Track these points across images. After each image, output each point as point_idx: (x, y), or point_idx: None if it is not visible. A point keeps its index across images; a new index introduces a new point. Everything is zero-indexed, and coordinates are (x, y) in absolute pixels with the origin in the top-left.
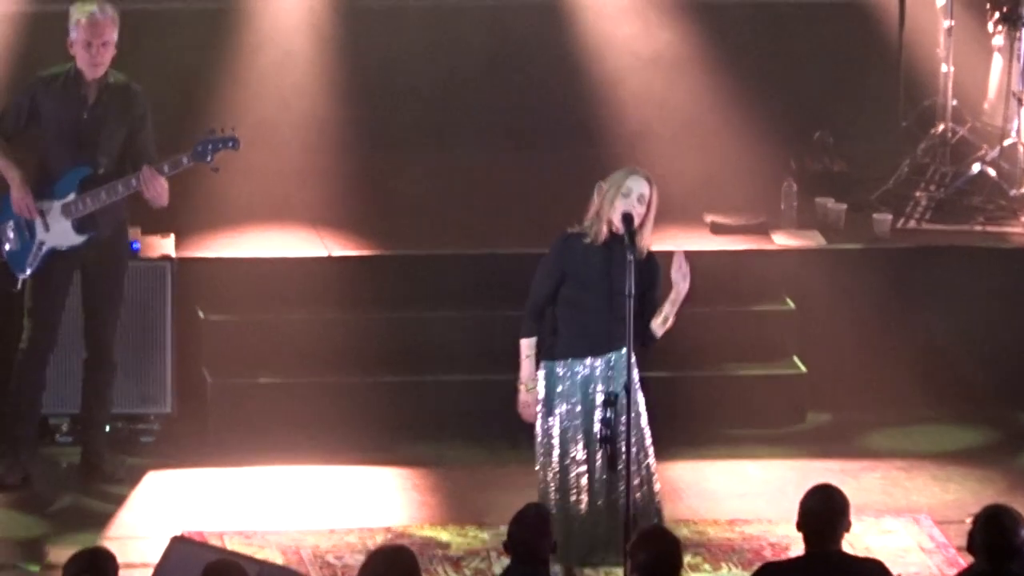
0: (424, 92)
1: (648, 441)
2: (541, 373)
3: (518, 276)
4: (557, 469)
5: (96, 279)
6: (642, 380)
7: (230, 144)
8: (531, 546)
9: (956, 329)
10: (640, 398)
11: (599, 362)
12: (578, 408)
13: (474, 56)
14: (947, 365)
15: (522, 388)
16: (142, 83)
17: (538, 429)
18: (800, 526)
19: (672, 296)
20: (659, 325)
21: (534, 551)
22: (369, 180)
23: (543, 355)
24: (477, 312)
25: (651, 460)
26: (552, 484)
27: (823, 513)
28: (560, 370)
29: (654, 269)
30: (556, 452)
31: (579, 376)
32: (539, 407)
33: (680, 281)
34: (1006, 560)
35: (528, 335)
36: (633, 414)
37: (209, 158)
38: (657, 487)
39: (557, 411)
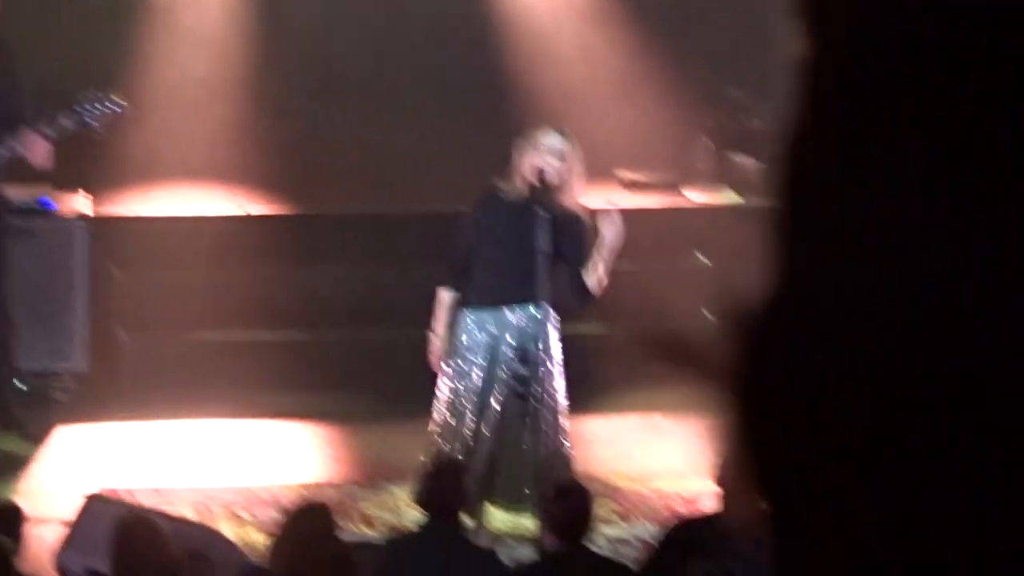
0: (344, 51)
1: (562, 395)
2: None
3: (431, 234)
4: (448, 417)
5: None
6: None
7: (112, 107)
8: (444, 500)
9: None
10: (558, 353)
11: (512, 316)
12: (479, 358)
13: (393, 16)
14: None
15: (432, 336)
16: (47, 46)
17: (439, 376)
18: (720, 481)
19: (598, 244)
20: (591, 276)
21: (447, 505)
22: (284, 139)
23: (460, 304)
24: (388, 269)
25: (563, 417)
26: (444, 430)
27: None
28: (468, 321)
29: (579, 226)
30: (446, 400)
31: (488, 328)
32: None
33: (606, 230)
34: None
35: (445, 284)
36: (544, 368)
37: (92, 121)
38: (568, 443)
39: (456, 360)
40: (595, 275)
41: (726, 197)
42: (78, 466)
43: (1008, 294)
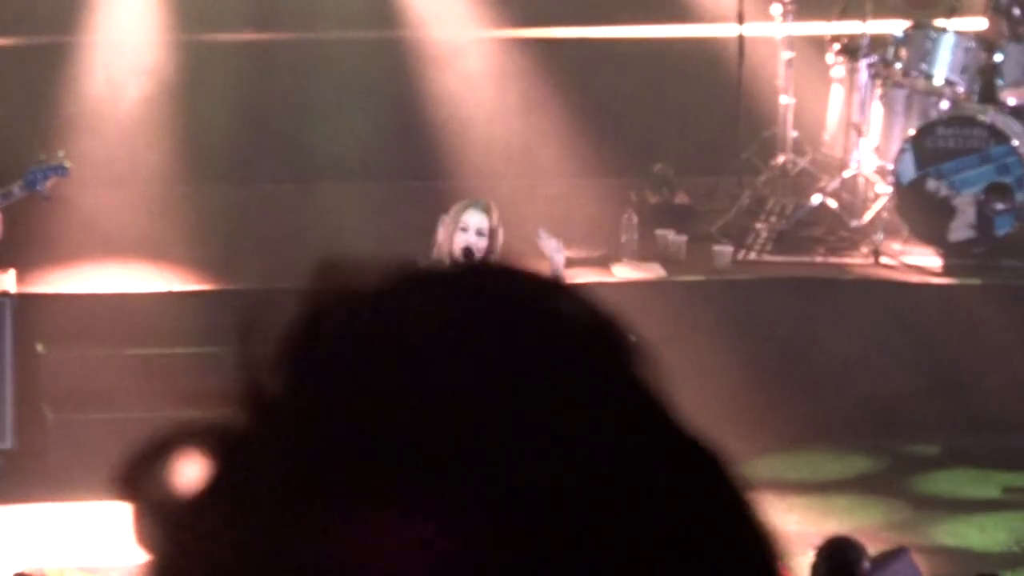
0: (269, 124)
1: None
2: None
3: None
4: None
5: None
6: None
7: (59, 171)
8: None
9: (797, 362)
10: None
11: None
12: None
13: (322, 90)
14: (788, 396)
15: None
16: None
17: None
18: None
19: (553, 271)
20: None
21: None
22: (210, 214)
23: None
24: None
25: None
26: None
27: None
28: None
29: None
30: None
31: None
32: None
33: (555, 253)
34: None
35: None
36: None
37: (40, 187)
38: None
39: None
40: None
41: (652, 272)
42: (5, 545)
43: None
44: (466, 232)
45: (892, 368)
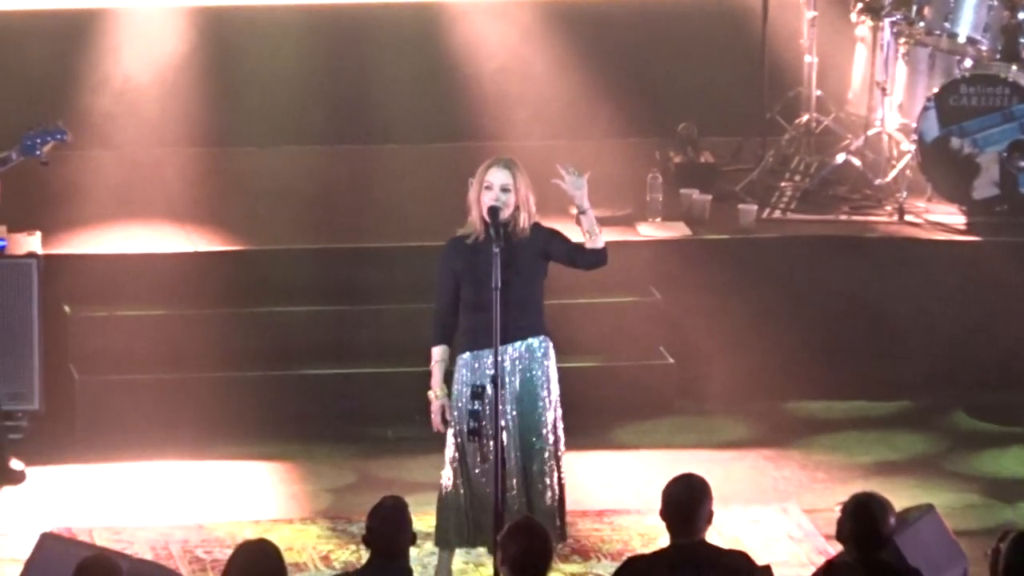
0: (294, 86)
1: (550, 441)
2: (455, 373)
3: (384, 270)
4: (454, 462)
5: None
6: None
7: (58, 136)
8: (388, 539)
9: (822, 319)
10: (554, 392)
11: (486, 356)
12: (461, 403)
13: (345, 52)
14: (813, 354)
15: (430, 395)
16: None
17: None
18: (663, 515)
19: (577, 206)
20: (590, 240)
21: (391, 543)
22: (237, 174)
23: (456, 352)
24: (343, 306)
25: (557, 466)
26: (448, 472)
27: (684, 501)
28: (464, 365)
29: (544, 234)
30: (451, 446)
31: (470, 371)
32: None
33: (573, 188)
34: (874, 548)
35: (434, 343)
36: (500, 406)
37: (38, 151)
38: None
39: (457, 405)
40: (588, 234)
41: (677, 231)
42: (34, 505)
43: None
44: (491, 190)
45: (915, 324)
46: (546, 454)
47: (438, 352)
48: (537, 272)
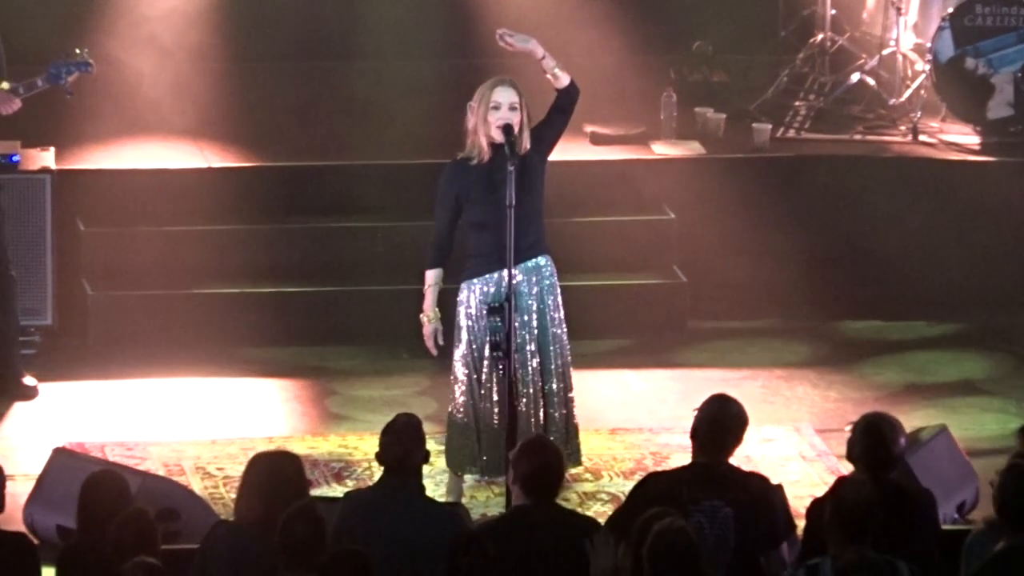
0: (310, 3)
1: (564, 361)
2: (462, 295)
3: (394, 187)
4: (463, 385)
5: None
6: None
7: (83, 67)
8: (400, 456)
9: (836, 238)
10: (561, 310)
11: (518, 274)
12: (475, 327)
13: None
14: (827, 274)
15: (423, 319)
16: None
17: (455, 349)
18: (694, 432)
19: (534, 54)
20: (556, 81)
21: (403, 461)
22: (250, 91)
23: (461, 277)
24: (353, 222)
25: (566, 385)
26: (459, 398)
27: (720, 422)
28: (471, 290)
29: (530, 139)
30: (460, 370)
31: (492, 292)
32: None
33: (523, 44)
34: (885, 468)
35: (430, 266)
36: (515, 325)
37: (63, 80)
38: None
39: (464, 330)
40: (557, 76)
41: (691, 149)
42: (46, 420)
43: None
44: (499, 110)
45: (929, 244)
46: (561, 372)
47: (432, 275)
48: (540, 185)
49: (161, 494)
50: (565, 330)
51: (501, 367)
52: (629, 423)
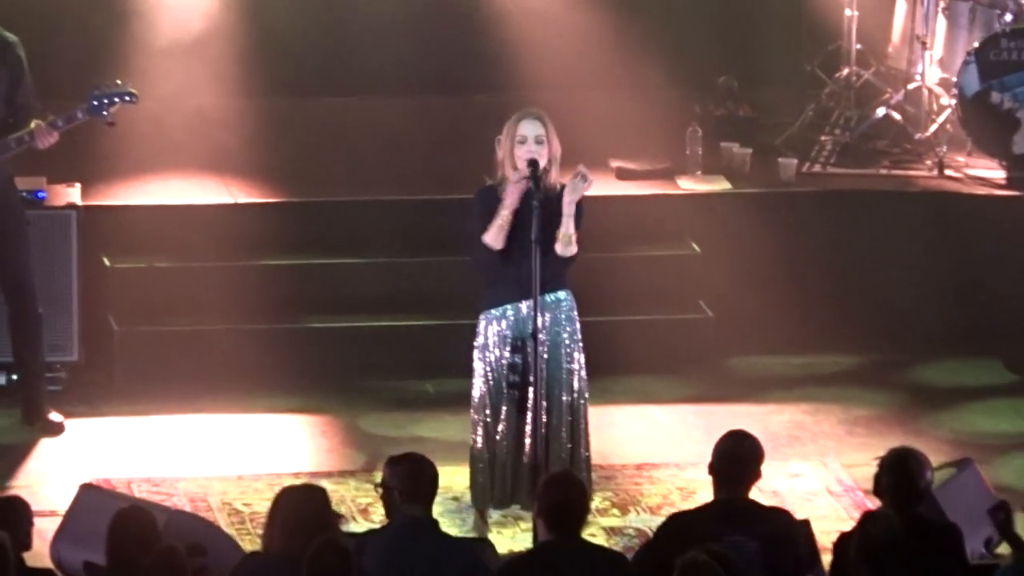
0: (331, 37)
1: (569, 397)
2: (481, 325)
3: (426, 222)
4: (481, 416)
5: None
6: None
7: (126, 98)
8: (409, 493)
9: (861, 274)
10: (577, 346)
11: (521, 308)
12: (492, 357)
13: (383, 1)
14: (851, 309)
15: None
16: (31, 34)
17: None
18: (712, 469)
19: (566, 199)
20: (561, 247)
21: (412, 497)
22: (275, 126)
23: (480, 308)
24: (383, 258)
25: (574, 419)
26: (478, 428)
27: (736, 457)
28: (488, 321)
29: (559, 202)
30: (477, 406)
31: (511, 323)
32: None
33: (570, 192)
34: (912, 502)
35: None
36: (544, 356)
37: (105, 112)
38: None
39: (486, 360)
40: (563, 238)
41: (717, 184)
42: (72, 457)
43: None
44: (524, 144)
45: (955, 280)
46: (581, 406)
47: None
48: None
49: (188, 529)
50: (583, 365)
51: (517, 405)
52: (656, 458)
